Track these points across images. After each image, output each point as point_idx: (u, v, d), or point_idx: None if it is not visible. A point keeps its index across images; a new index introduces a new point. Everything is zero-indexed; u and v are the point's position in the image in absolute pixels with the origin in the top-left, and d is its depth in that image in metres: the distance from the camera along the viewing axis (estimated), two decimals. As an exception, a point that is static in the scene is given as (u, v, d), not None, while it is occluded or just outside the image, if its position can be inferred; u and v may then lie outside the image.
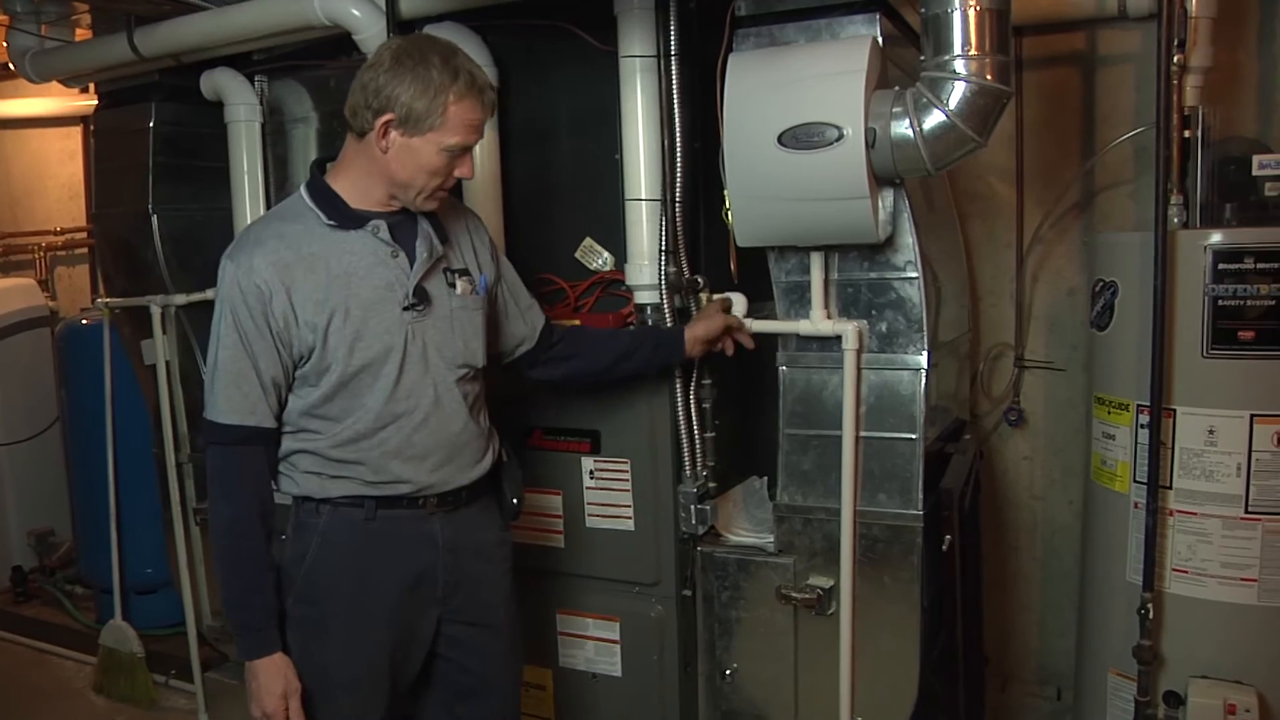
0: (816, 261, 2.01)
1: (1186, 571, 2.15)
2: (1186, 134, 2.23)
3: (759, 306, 2.13)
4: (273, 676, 1.68)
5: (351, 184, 1.72)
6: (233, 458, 1.68)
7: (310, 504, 1.74)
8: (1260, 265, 2.04)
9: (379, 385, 1.70)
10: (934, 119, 1.77)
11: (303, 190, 1.75)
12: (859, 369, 2.00)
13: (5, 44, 3.04)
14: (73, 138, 4.79)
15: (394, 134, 1.65)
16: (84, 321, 3.79)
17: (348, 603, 1.74)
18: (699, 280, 2.13)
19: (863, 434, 2.01)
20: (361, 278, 1.68)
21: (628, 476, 2.20)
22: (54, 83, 3.13)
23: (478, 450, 1.83)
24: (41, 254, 4.82)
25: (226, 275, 1.66)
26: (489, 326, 1.88)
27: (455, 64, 1.65)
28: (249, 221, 2.73)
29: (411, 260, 1.72)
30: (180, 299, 2.94)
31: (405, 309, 1.71)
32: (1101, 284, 2.33)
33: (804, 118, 1.81)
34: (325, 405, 1.70)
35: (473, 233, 1.90)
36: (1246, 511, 2.09)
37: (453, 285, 1.79)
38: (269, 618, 1.70)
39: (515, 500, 1.93)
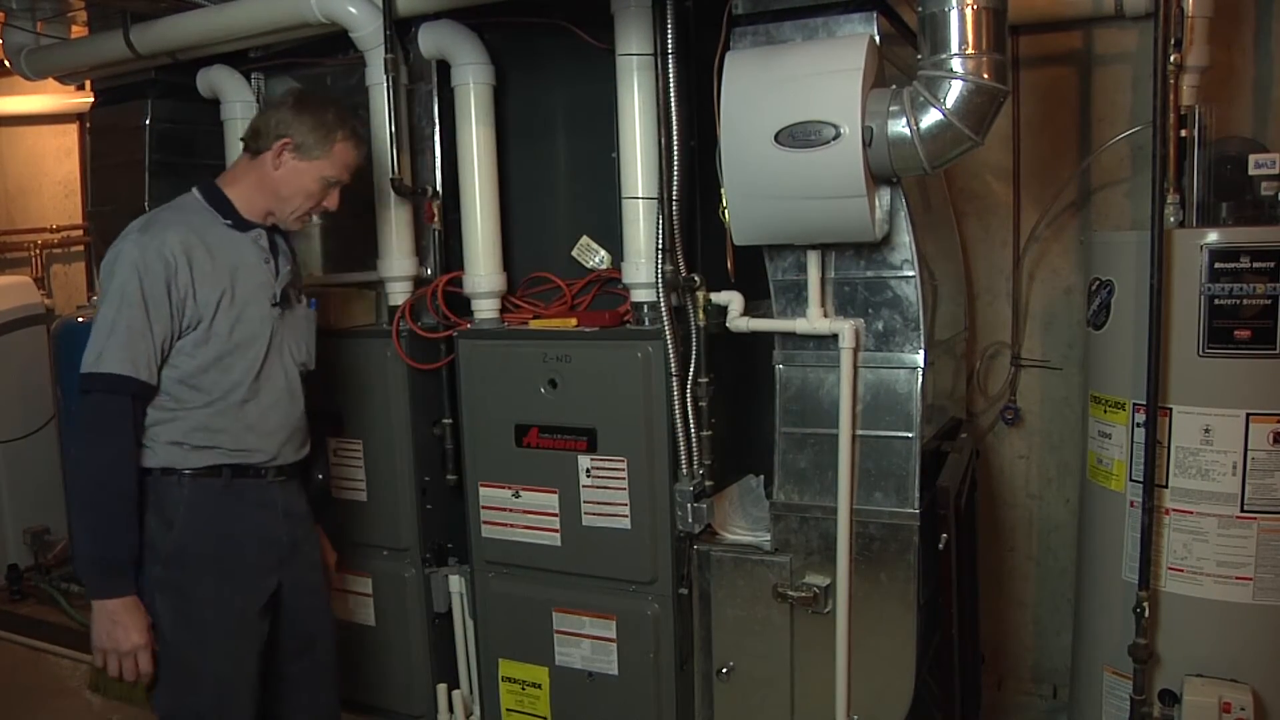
0: (813, 260, 2.01)
1: (1182, 570, 2.15)
2: (1183, 133, 2.23)
3: (756, 305, 2.13)
4: (135, 613, 1.86)
5: (241, 195, 2.02)
6: (120, 406, 1.86)
7: (171, 476, 1.93)
8: (1256, 264, 2.04)
9: (245, 364, 1.97)
10: (931, 118, 1.78)
11: (196, 193, 2.02)
12: (855, 367, 2.00)
13: (1, 41, 3.03)
14: (69, 135, 4.78)
15: (287, 155, 1.98)
16: (80, 319, 3.76)
17: (215, 563, 1.94)
18: (695, 278, 2.13)
19: (859, 432, 2.02)
20: (246, 271, 1.98)
21: (624, 475, 2.20)
22: (50, 80, 3.12)
23: (304, 436, 2.12)
24: (37, 252, 4.81)
25: (135, 247, 1.87)
26: None
27: (344, 115, 2.05)
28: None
29: (277, 270, 2.04)
30: (176, 297, 2.94)
31: (273, 305, 2.02)
32: (1098, 283, 2.33)
33: (801, 116, 1.81)
34: (200, 376, 1.93)
35: (299, 264, 2.23)
36: (1242, 510, 2.09)
37: (298, 297, 2.12)
38: (133, 558, 1.88)
39: (321, 476, 2.27)
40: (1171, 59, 2.16)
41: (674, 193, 2.12)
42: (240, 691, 1.97)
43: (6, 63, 3.06)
